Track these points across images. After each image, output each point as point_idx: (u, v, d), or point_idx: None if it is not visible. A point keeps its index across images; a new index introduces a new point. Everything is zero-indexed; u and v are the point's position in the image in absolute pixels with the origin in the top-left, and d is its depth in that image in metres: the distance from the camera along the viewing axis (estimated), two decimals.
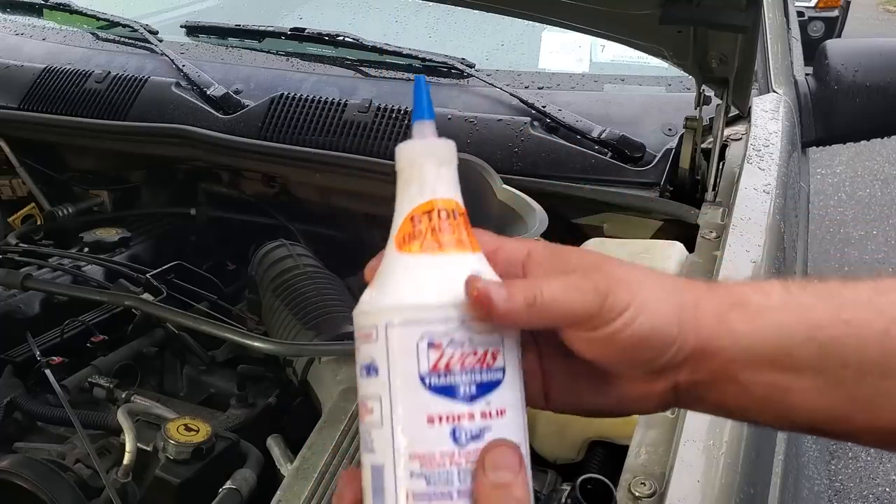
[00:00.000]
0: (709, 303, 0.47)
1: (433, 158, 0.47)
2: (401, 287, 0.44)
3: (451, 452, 0.42)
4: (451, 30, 1.87)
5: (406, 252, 0.45)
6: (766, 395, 0.46)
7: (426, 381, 0.42)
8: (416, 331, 0.42)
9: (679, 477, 0.65)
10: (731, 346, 0.46)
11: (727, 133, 1.28)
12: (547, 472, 0.99)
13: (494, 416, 0.43)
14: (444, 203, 0.45)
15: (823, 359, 0.45)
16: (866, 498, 2.58)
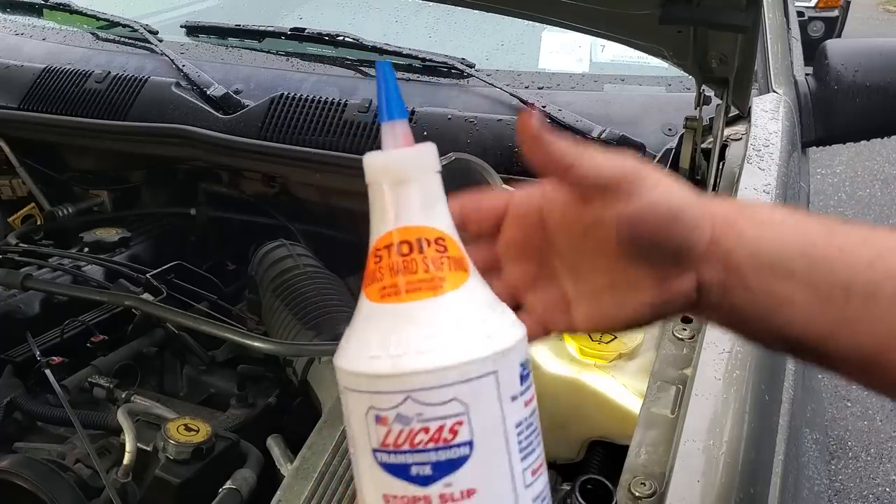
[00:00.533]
0: (719, 207, 0.49)
1: (389, 177, 0.41)
2: (354, 346, 0.39)
3: None
4: (451, 30, 1.86)
5: (367, 297, 0.40)
6: (767, 304, 0.48)
7: (378, 457, 0.37)
8: (364, 401, 0.38)
9: (679, 477, 0.65)
10: (737, 249, 0.48)
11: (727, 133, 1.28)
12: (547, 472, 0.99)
13: (459, 498, 0.37)
14: (402, 234, 0.39)
15: (815, 274, 0.48)
16: (866, 498, 2.58)
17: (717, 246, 0.48)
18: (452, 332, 0.38)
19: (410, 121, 1.42)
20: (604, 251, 0.49)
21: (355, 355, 0.39)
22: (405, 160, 0.40)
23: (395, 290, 0.39)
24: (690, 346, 0.83)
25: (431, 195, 0.40)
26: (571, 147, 0.47)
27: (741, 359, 0.79)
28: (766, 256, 0.48)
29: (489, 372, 0.38)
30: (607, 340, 0.96)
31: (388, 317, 0.39)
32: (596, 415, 0.95)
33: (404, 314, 0.38)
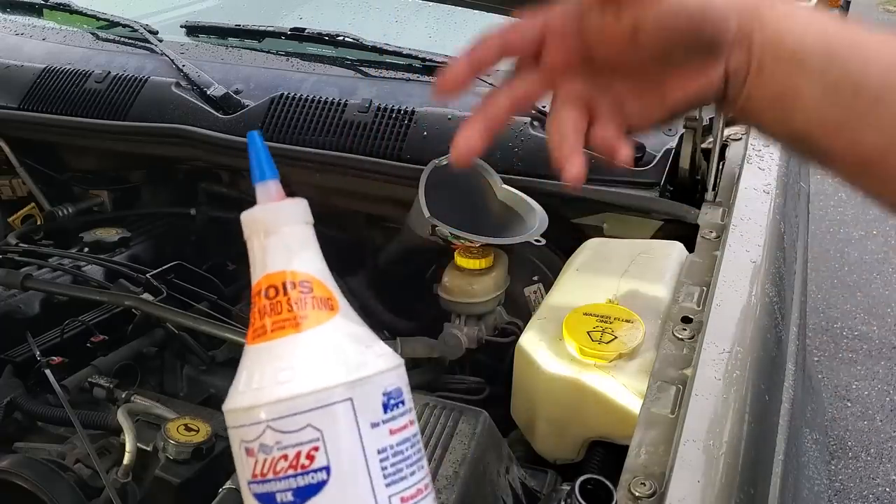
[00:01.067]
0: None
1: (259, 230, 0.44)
2: (231, 387, 0.42)
3: None
4: (451, 30, 1.86)
5: (246, 342, 0.42)
6: (778, 94, 0.50)
7: (251, 489, 0.40)
8: (237, 437, 0.40)
9: (679, 477, 0.65)
10: (758, 36, 0.50)
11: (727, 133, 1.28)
12: (547, 472, 0.99)
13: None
14: (269, 279, 0.42)
15: (827, 70, 0.49)
16: (866, 498, 2.58)
17: (742, 32, 0.50)
18: (309, 363, 0.40)
19: (410, 120, 1.42)
20: (643, 53, 0.51)
21: (230, 395, 0.41)
22: (273, 213, 0.44)
23: (262, 331, 0.41)
24: (690, 346, 0.83)
25: (298, 243, 0.44)
26: None
27: (741, 359, 0.79)
28: (784, 46, 0.50)
29: (343, 399, 0.39)
30: (607, 340, 0.96)
31: (256, 355, 0.41)
32: (596, 415, 0.95)
33: (268, 351, 0.40)
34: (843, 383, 3.10)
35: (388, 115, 1.45)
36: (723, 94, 0.53)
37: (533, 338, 0.99)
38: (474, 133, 0.56)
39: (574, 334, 0.96)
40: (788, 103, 0.50)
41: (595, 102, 0.55)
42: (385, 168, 1.39)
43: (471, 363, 1.27)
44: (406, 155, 1.39)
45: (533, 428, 1.04)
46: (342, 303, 0.44)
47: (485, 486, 0.85)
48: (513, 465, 0.91)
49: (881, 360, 3.24)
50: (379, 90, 1.54)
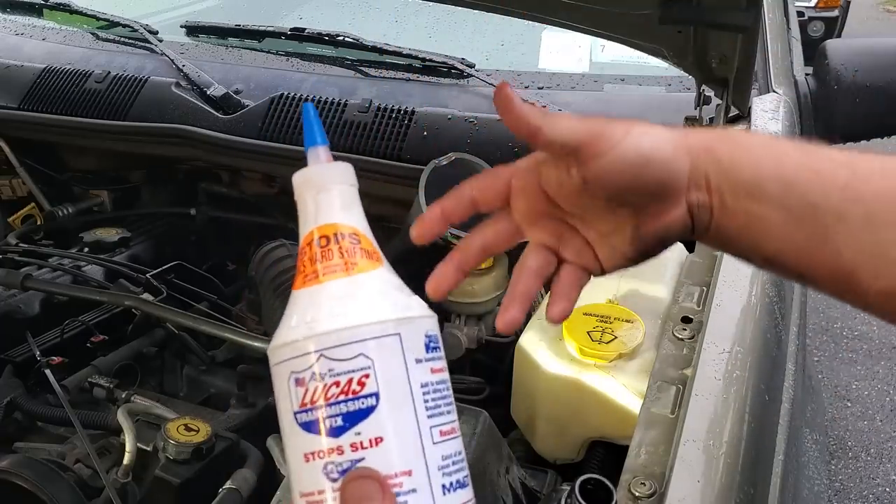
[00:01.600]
0: (697, 136, 0.54)
1: (311, 187, 0.46)
2: (278, 330, 0.44)
3: (323, 490, 0.40)
4: (451, 30, 1.86)
5: (293, 289, 0.45)
6: (744, 225, 0.52)
7: (298, 419, 0.41)
8: (286, 369, 0.42)
9: (679, 477, 0.65)
10: (716, 172, 0.52)
11: None
12: (547, 472, 0.99)
13: (368, 446, 0.40)
14: (321, 230, 0.45)
15: (789, 196, 0.51)
16: (866, 498, 2.58)
17: (697, 172, 0.52)
18: (361, 300, 0.43)
19: (410, 120, 1.42)
20: (599, 202, 0.54)
21: (278, 334, 0.43)
22: (327, 172, 0.47)
23: (314, 275, 0.44)
24: (690, 346, 0.83)
25: (347, 201, 0.47)
26: (539, 112, 0.52)
27: (741, 359, 0.79)
28: (742, 179, 0.52)
29: (393, 333, 0.42)
30: (607, 340, 0.96)
31: (307, 297, 0.44)
32: (596, 415, 0.95)
33: (321, 292, 0.43)
34: (843, 383, 3.10)
35: (388, 115, 1.45)
36: (691, 228, 0.55)
37: (533, 338, 0.99)
38: (448, 272, 0.59)
39: (574, 334, 0.96)
40: (756, 232, 0.52)
41: (563, 247, 0.58)
42: (385, 168, 1.39)
43: (471, 363, 1.27)
44: (406, 155, 1.39)
45: (533, 428, 1.04)
46: (384, 258, 0.47)
47: (485, 486, 0.85)
48: (513, 465, 0.91)
49: (881, 360, 3.24)
50: (379, 90, 1.54)
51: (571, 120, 0.53)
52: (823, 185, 0.50)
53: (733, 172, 0.52)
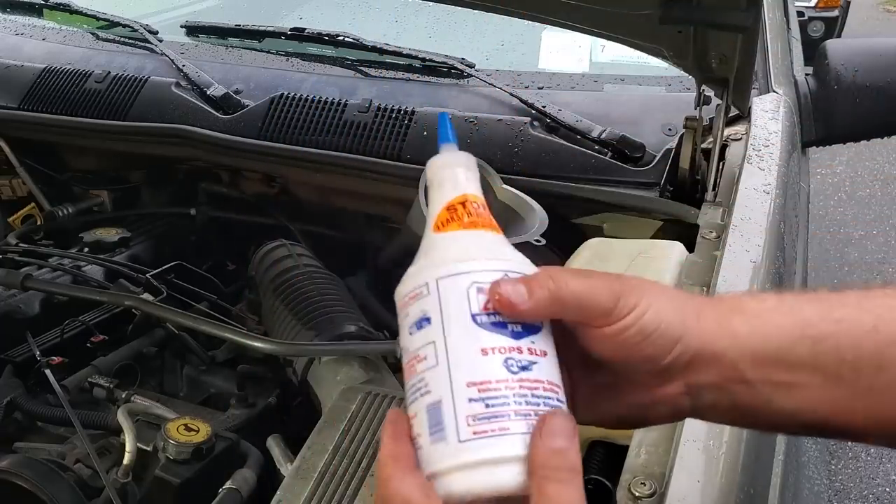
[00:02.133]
0: (710, 311, 0.51)
1: (462, 165, 0.54)
2: (446, 253, 0.50)
3: (506, 379, 0.45)
4: (451, 30, 1.86)
5: (445, 232, 0.51)
6: (774, 394, 0.49)
7: (477, 319, 0.47)
8: (465, 279, 0.48)
9: (679, 477, 0.65)
10: (732, 348, 0.49)
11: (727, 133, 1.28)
12: None
13: (538, 354, 0.47)
14: (474, 197, 0.53)
15: (819, 355, 0.48)
16: (866, 498, 2.58)
17: (707, 353, 0.50)
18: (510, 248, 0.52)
19: (410, 120, 1.42)
20: (595, 361, 0.52)
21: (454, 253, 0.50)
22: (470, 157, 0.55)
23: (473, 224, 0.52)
24: None
25: (477, 181, 0.55)
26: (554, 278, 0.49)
27: None
28: (765, 349, 0.49)
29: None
30: None
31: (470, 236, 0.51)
32: None
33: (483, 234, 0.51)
34: None
35: (388, 115, 1.45)
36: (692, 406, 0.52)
37: None
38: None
39: None
40: (784, 400, 0.50)
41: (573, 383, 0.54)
42: (385, 168, 1.39)
43: None
44: (406, 155, 1.39)
45: None
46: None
47: None
48: None
49: None
50: (379, 90, 1.54)
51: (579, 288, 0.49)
52: (850, 335, 0.49)
53: (753, 345, 0.49)
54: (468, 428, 0.44)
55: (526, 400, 0.45)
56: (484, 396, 0.45)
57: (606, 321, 0.49)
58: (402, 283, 0.51)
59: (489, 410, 0.44)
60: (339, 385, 1.06)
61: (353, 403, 0.93)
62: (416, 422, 0.47)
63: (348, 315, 1.27)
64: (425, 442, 0.46)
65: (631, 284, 0.50)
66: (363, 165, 1.40)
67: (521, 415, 0.45)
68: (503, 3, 1.15)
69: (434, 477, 0.45)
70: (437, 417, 0.45)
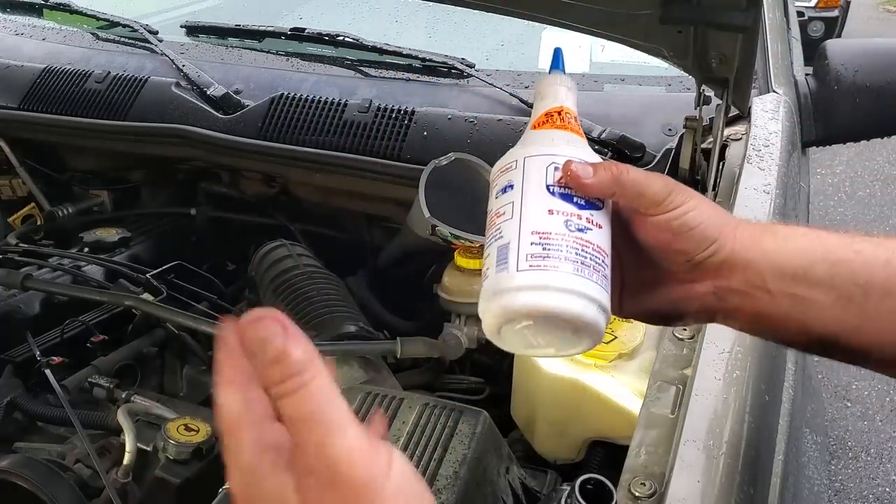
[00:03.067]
0: (746, 227, 0.59)
1: (566, 85, 0.64)
2: (536, 140, 0.61)
3: (563, 234, 0.56)
4: (451, 30, 1.86)
5: (539, 129, 0.62)
6: (791, 307, 0.56)
7: (550, 188, 0.58)
8: (546, 159, 0.59)
9: (679, 477, 0.65)
10: (760, 259, 0.57)
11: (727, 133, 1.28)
12: (547, 472, 0.99)
13: (594, 226, 0.57)
14: (568, 109, 0.63)
15: (835, 276, 0.55)
16: (866, 498, 2.58)
17: (737, 259, 0.57)
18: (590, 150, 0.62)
19: (410, 120, 1.42)
20: (643, 253, 0.60)
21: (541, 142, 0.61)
22: (572, 81, 0.65)
23: (563, 127, 0.62)
24: (690, 346, 0.83)
25: (575, 100, 0.64)
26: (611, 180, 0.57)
27: (741, 359, 0.79)
28: (789, 265, 0.56)
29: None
30: (607, 340, 0.96)
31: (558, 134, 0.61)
32: (596, 415, 0.95)
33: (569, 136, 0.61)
34: (843, 383, 3.10)
35: (388, 115, 1.45)
36: (717, 308, 0.59)
37: None
38: None
39: None
40: (800, 313, 0.56)
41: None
42: (385, 168, 1.39)
43: (471, 363, 1.27)
44: (406, 155, 1.39)
45: (533, 428, 1.04)
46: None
47: (485, 486, 0.85)
48: (513, 465, 0.91)
49: None
50: (379, 90, 1.54)
51: (638, 180, 0.58)
52: (867, 263, 0.55)
53: (779, 259, 0.57)
54: (526, 262, 0.55)
55: (576, 252, 0.55)
56: (543, 242, 0.55)
57: (657, 210, 0.57)
58: (498, 161, 0.62)
59: (545, 252, 0.55)
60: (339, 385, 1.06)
61: (353, 403, 0.93)
62: (488, 260, 0.57)
63: (348, 315, 1.27)
64: (492, 273, 0.56)
65: (682, 186, 0.59)
66: (363, 165, 1.40)
67: (570, 260, 0.55)
68: (503, 3, 1.15)
69: (488, 299, 0.56)
70: (504, 254, 0.56)
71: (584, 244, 0.55)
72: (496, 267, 0.56)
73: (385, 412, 0.90)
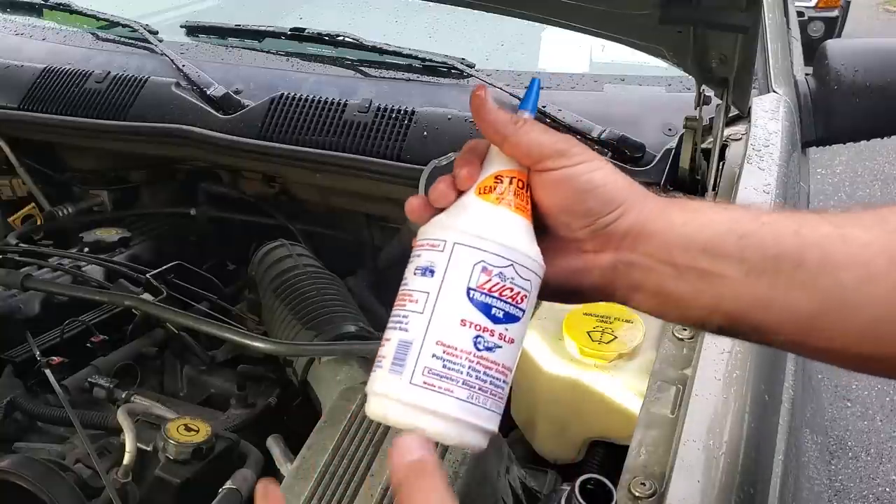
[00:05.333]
0: (654, 199, 0.56)
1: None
2: (475, 220, 0.55)
3: (468, 352, 0.52)
4: (451, 30, 1.86)
5: (484, 199, 0.56)
6: (698, 281, 0.53)
7: (470, 294, 0.52)
8: (476, 255, 0.53)
9: (679, 477, 0.65)
10: (667, 231, 0.54)
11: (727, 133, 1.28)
12: (547, 472, 0.99)
13: (506, 341, 0.53)
14: (521, 175, 0.56)
15: (745, 248, 0.52)
16: (866, 498, 2.58)
17: (643, 229, 0.54)
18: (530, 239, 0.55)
19: (410, 120, 1.42)
20: (540, 220, 0.56)
21: (481, 225, 0.54)
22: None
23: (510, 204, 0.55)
24: (690, 346, 0.83)
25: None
26: (508, 122, 0.55)
27: (741, 359, 0.79)
28: (696, 237, 0.53)
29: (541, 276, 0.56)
30: (607, 340, 0.96)
31: (502, 215, 0.55)
32: (596, 415, 0.95)
33: (514, 219, 0.55)
34: (843, 383, 3.10)
35: (388, 115, 1.45)
36: (616, 283, 0.56)
37: (533, 338, 0.99)
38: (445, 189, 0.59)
39: (574, 334, 0.96)
40: (709, 288, 0.53)
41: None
42: (385, 168, 1.39)
43: None
44: (406, 155, 1.39)
45: (533, 428, 1.04)
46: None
47: (485, 486, 0.85)
48: (513, 465, 0.91)
49: None
50: (379, 90, 1.54)
51: (539, 133, 0.55)
52: (774, 234, 0.52)
53: (686, 232, 0.54)
54: (421, 377, 0.51)
55: (477, 375, 0.52)
56: (445, 358, 0.51)
57: (557, 163, 0.54)
58: (428, 226, 0.57)
59: (444, 370, 0.51)
60: (339, 385, 1.06)
61: (353, 403, 0.93)
62: (388, 345, 0.53)
63: (348, 315, 1.27)
64: (385, 366, 0.53)
65: (587, 148, 0.56)
66: (363, 165, 1.40)
67: (467, 386, 0.52)
68: (503, 3, 1.15)
69: (375, 396, 0.53)
70: (403, 355, 0.52)
71: (488, 366, 0.52)
72: (391, 366, 0.52)
73: None
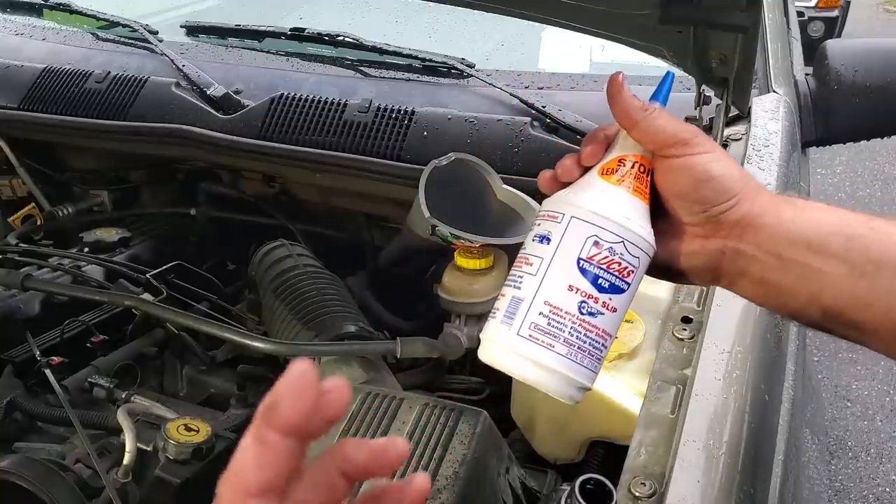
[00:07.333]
0: (767, 193, 0.59)
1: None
2: (593, 198, 0.59)
3: (572, 315, 0.57)
4: (451, 30, 1.86)
5: (605, 179, 0.60)
6: (801, 275, 0.57)
7: (580, 263, 0.58)
8: (590, 229, 0.58)
9: (679, 477, 0.65)
10: (776, 225, 0.57)
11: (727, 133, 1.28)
12: (547, 472, 0.99)
13: (608, 309, 0.58)
14: (644, 160, 0.61)
15: (850, 250, 0.55)
16: (866, 498, 2.58)
17: (753, 220, 0.57)
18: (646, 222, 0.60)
19: (410, 120, 1.42)
20: (657, 201, 0.60)
21: (598, 203, 0.59)
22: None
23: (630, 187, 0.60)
24: (690, 346, 0.83)
25: None
26: (639, 109, 0.59)
27: (741, 359, 0.79)
28: (803, 234, 0.57)
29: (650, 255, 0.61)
30: None
31: (620, 196, 0.59)
32: (596, 415, 0.95)
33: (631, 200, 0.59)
34: (843, 383, 3.10)
35: (388, 115, 1.45)
36: (723, 268, 0.60)
37: None
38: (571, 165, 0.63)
39: None
40: (810, 283, 0.56)
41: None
42: (385, 168, 1.39)
43: (471, 363, 1.27)
44: (406, 155, 1.39)
45: (533, 428, 1.04)
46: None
47: (485, 486, 0.85)
48: (513, 465, 0.91)
49: (881, 361, 3.24)
50: (379, 90, 1.54)
51: (666, 121, 0.59)
52: (880, 241, 0.55)
53: (794, 227, 0.57)
54: (528, 330, 0.57)
55: (577, 336, 0.57)
56: (551, 316, 0.57)
57: (680, 150, 0.58)
58: (551, 199, 0.62)
59: (548, 327, 0.57)
60: None
61: (353, 403, 0.93)
62: (501, 301, 0.60)
63: (348, 315, 1.27)
64: (499, 317, 0.59)
65: (710, 138, 0.59)
66: (363, 165, 1.40)
67: (568, 343, 0.57)
68: (503, 3, 1.15)
69: (487, 341, 0.60)
70: (514, 309, 0.58)
71: (589, 329, 0.57)
72: (503, 317, 0.59)
73: (385, 412, 0.90)
